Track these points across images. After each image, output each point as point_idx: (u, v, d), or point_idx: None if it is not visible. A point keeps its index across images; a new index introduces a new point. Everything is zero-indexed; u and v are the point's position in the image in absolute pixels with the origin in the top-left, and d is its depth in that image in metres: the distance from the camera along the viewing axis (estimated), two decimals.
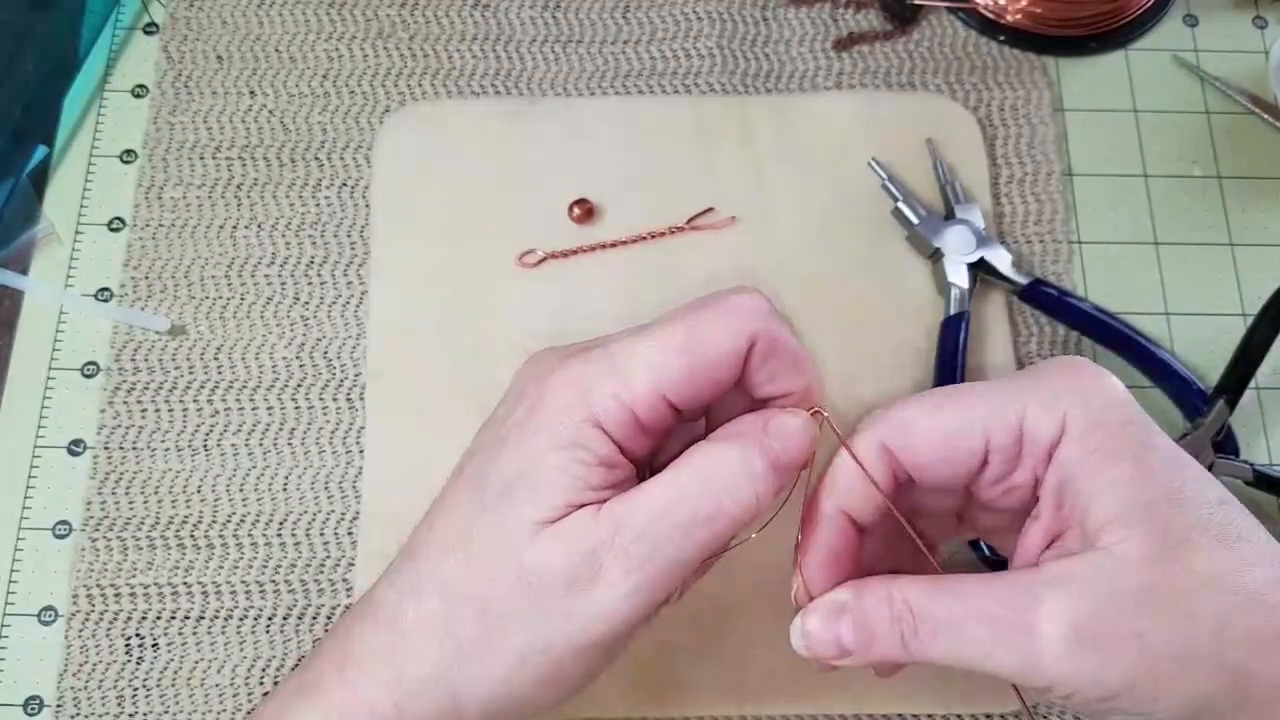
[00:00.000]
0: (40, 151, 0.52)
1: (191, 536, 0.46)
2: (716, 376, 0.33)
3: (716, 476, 0.32)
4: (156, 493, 0.46)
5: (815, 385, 0.35)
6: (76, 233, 0.51)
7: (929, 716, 0.44)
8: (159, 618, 0.45)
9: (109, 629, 0.45)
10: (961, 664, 0.31)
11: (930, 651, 0.31)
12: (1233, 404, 0.46)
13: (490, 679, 0.32)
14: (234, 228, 0.51)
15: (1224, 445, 0.46)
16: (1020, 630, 0.30)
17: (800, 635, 0.33)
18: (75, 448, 0.47)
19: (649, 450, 0.34)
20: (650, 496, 0.32)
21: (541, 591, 0.31)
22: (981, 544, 0.45)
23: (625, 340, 0.33)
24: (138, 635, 0.45)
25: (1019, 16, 0.55)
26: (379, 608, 0.34)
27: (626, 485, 0.33)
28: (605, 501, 0.32)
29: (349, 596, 0.45)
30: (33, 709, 0.44)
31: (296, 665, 0.44)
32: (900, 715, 0.44)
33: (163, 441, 0.47)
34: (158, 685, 0.44)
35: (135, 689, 0.44)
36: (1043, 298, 0.49)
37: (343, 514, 0.46)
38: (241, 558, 0.46)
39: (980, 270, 0.49)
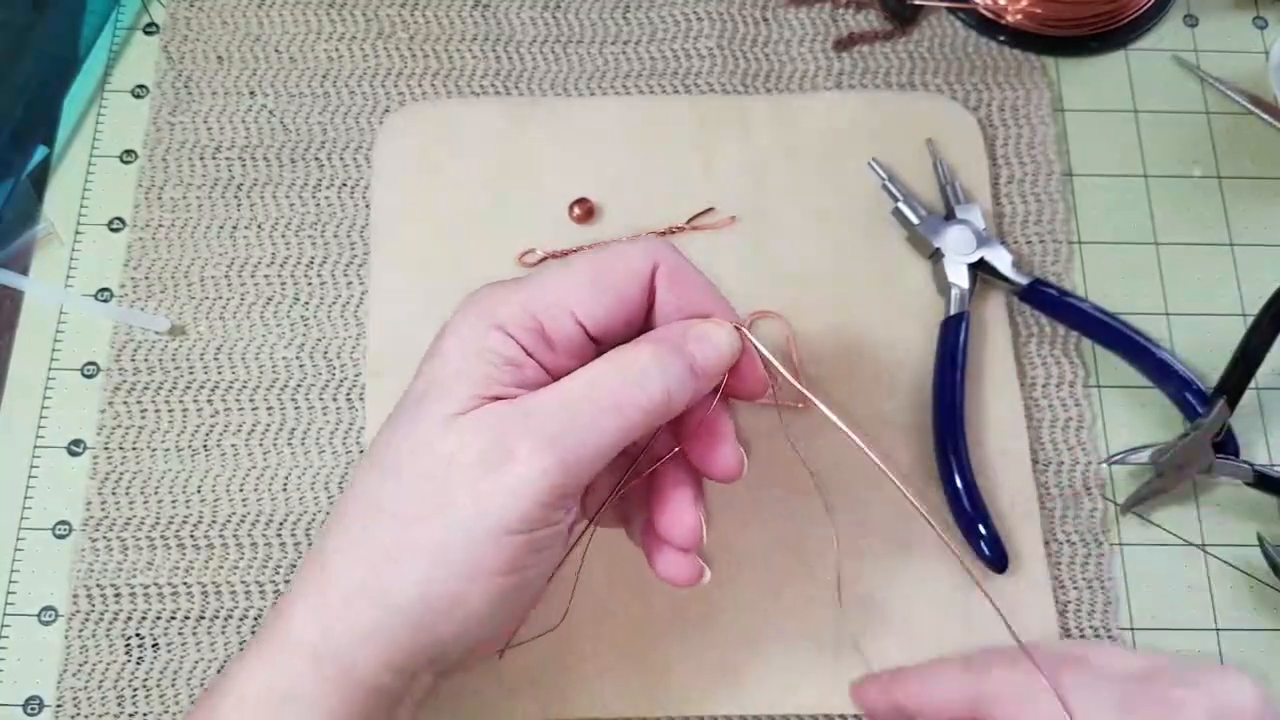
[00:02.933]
0: (40, 151, 0.52)
1: (191, 536, 0.46)
2: (622, 292, 0.34)
3: (629, 366, 0.33)
4: (156, 493, 0.46)
5: (730, 311, 0.35)
6: (76, 233, 0.51)
7: None
8: (159, 618, 0.45)
9: (109, 629, 0.45)
10: None
11: None
12: (1233, 404, 0.46)
13: (412, 578, 0.32)
14: (234, 228, 0.51)
15: (1224, 445, 0.46)
16: None
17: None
18: (75, 448, 0.47)
19: (566, 369, 0.34)
20: (562, 384, 0.33)
21: (454, 478, 0.32)
22: (983, 545, 0.45)
23: (536, 270, 0.36)
24: (138, 635, 0.45)
25: (1019, 16, 0.55)
26: (312, 549, 0.35)
27: (539, 387, 0.33)
28: (518, 398, 0.33)
29: None
30: (33, 709, 0.44)
31: None
32: None
33: (163, 441, 0.47)
34: (158, 685, 0.44)
35: (135, 689, 0.44)
36: (1043, 298, 0.49)
37: None
38: (241, 558, 0.46)
39: (980, 270, 0.49)
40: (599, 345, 0.35)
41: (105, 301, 0.50)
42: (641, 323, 0.35)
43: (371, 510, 0.33)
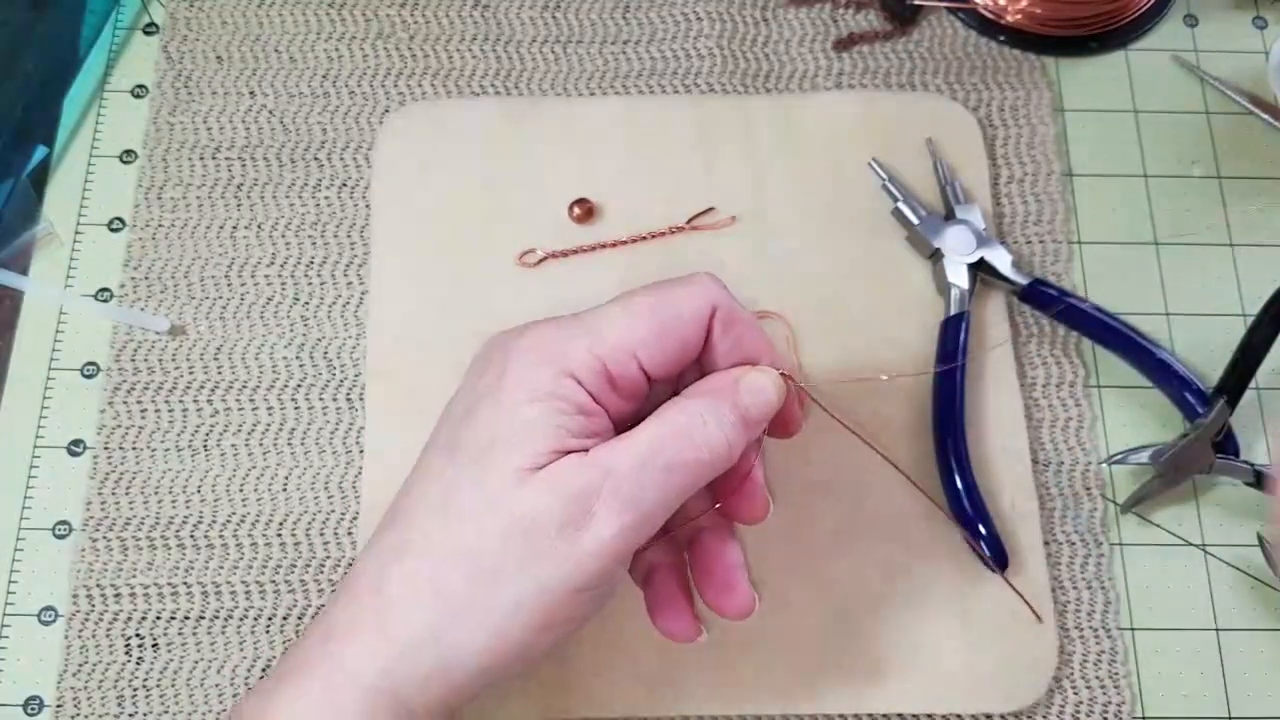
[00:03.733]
0: (40, 151, 0.52)
1: (191, 536, 0.46)
2: (683, 337, 0.35)
3: (692, 424, 0.34)
4: (156, 493, 0.46)
5: (779, 355, 0.37)
6: (76, 233, 0.51)
7: (929, 716, 0.44)
8: (159, 618, 0.45)
9: (109, 629, 0.45)
10: None
11: None
12: (1233, 404, 0.46)
13: (484, 632, 0.32)
14: (234, 228, 0.51)
15: (1224, 445, 0.46)
16: None
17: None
18: (75, 448, 0.47)
19: (624, 414, 0.35)
20: (635, 443, 0.33)
21: (534, 536, 0.32)
22: (983, 545, 0.45)
23: (593, 309, 0.36)
24: (138, 635, 0.45)
25: (1019, 16, 0.55)
26: (360, 578, 0.35)
27: (606, 436, 0.34)
28: (588, 450, 0.33)
29: None
30: (33, 709, 0.44)
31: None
32: (900, 715, 0.44)
33: (163, 441, 0.47)
34: (158, 685, 0.44)
35: (135, 689, 0.44)
36: (1043, 298, 0.49)
37: (343, 514, 0.46)
38: (241, 558, 0.46)
39: (980, 270, 0.49)
40: (653, 384, 0.36)
41: (105, 301, 0.50)
42: (693, 357, 0.36)
43: (438, 556, 0.33)
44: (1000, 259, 0.49)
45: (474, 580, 0.32)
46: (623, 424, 0.35)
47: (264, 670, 0.44)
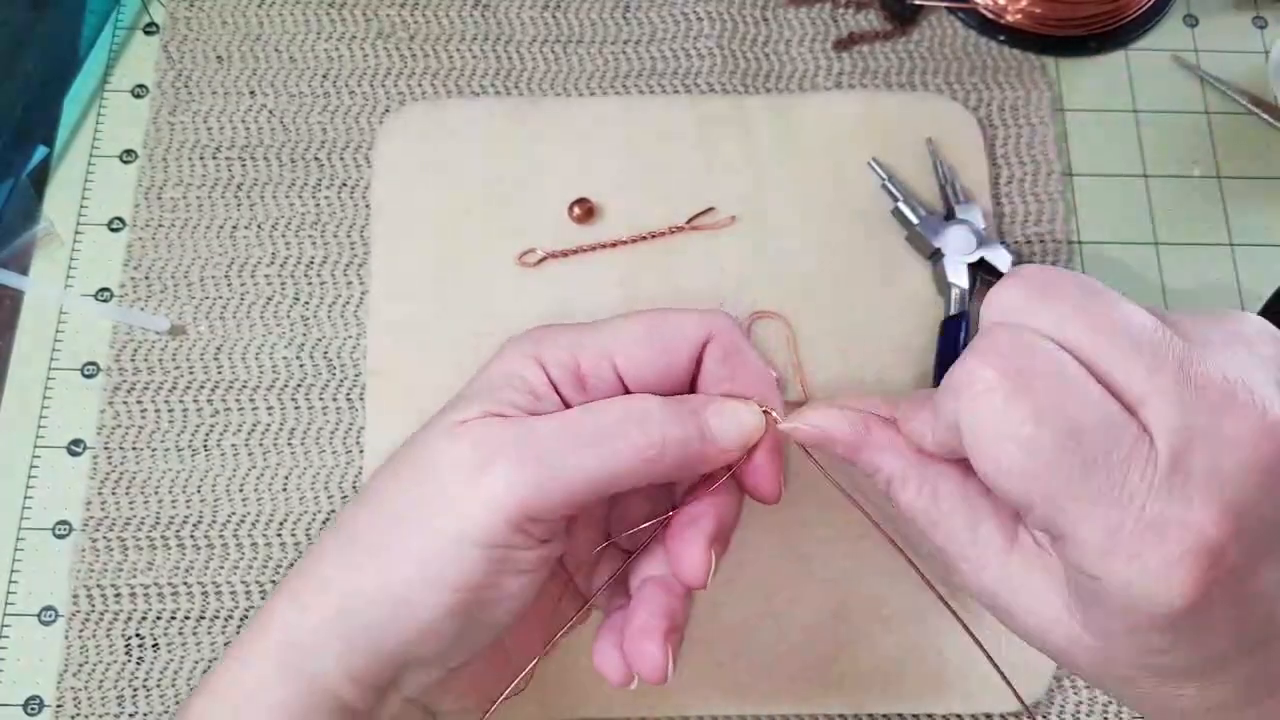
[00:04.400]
0: (40, 151, 0.52)
1: (191, 536, 0.46)
2: (668, 353, 0.34)
3: (631, 407, 0.33)
4: (156, 493, 0.46)
5: (776, 398, 0.35)
6: (76, 233, 0.51)
7: (929, 716, 0.44)
8: (159, 618, 0.45)
9: (109, 629, 0.45)
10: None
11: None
12: None
13: (370, 575, 0.32)
14: (234, 228, 0.51)
15: None
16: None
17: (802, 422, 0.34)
18: (75, 448, 0.47)
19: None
20: (566, 413, 0.33)
21: (436, 482, 0.32)
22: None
23: (591, 323, 0.35)
24: (138, 635, 0.45)
25: (1019, 16, 0.55)
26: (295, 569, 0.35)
27: None
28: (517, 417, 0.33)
29: None
30: (33, 709, 0.44)
31: None
32: (900, 715, 0.44)
33: (163, 441, 0.47)
34: (158, 685, 0.44)
35: (135, 689, 0.44)
36: None
37: None
38: (241, 558, 0.46)
39: (980, 270, 0.49)
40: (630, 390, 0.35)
41: (105, 301, 0.50)
42: (684, 389, 0.35)
43: (363, 509, 0.33)
44: (1000, 259, 0.49)
45: (379, 526, 0.32)
46: None
47: None
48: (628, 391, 0.34)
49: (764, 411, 0.34)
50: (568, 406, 0.34)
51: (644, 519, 0.37)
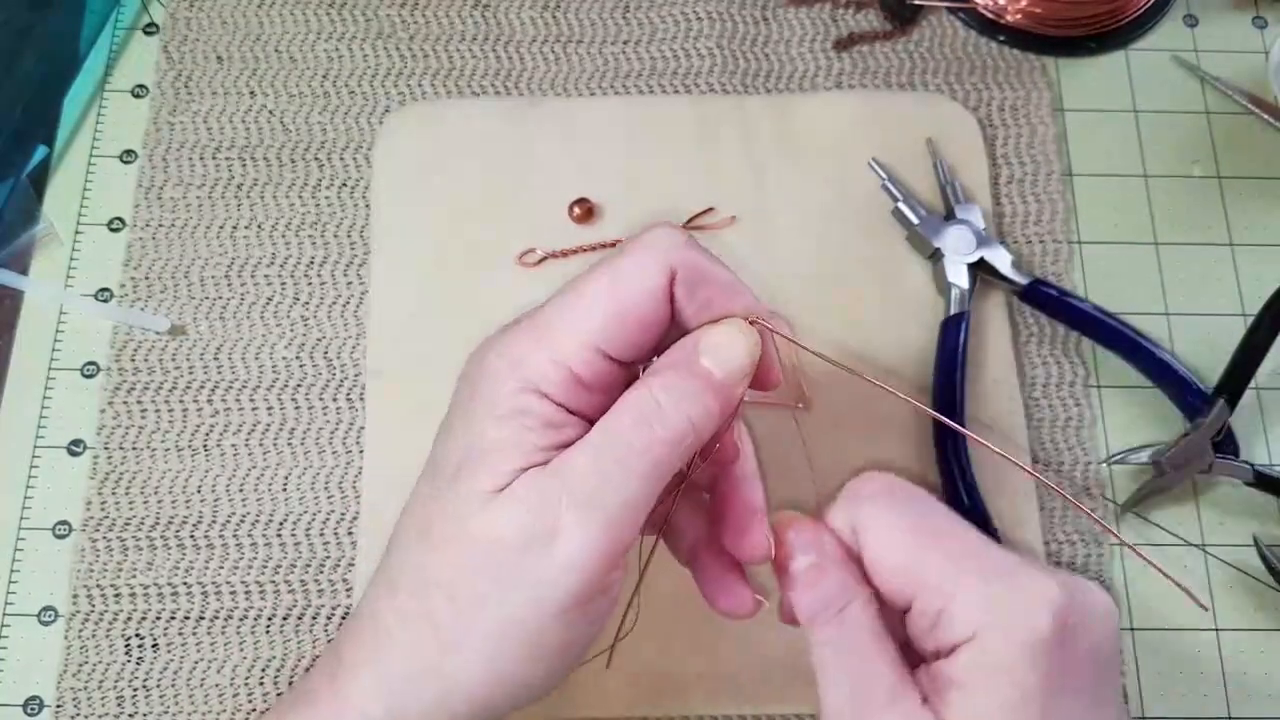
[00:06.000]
0: (40, 151, 0.52)
1: (191, 536, 0.46)
2: (644, 316, 0.32)
3: (645, 409, 0.31)
4: (156, 493, 0.46)
5: (755, 302, 0.34)
6: (76, 233, 0.51)
7: None
8: (159, 618, 0.45)
9: (109, 629, 0.45)
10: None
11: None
12: (1233, 404, 0.46)
13: (475, 663, 0.32)
14: (234, 228, 0.51)
15: (1224, 445, 0.46)
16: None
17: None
18: (75, 448, 0.47)
19: (604, 405, 0.33)
20: (587, 441, 0.31)
21: (503, 560, 0.31)
22: None
23: (552, 301, 0.33)
24: (138, 635, 0.45)
25: (1019, 16, 0.55)
26: (363, 611, 0.34)
27: (575, 440, 0.32)
28: (549, 462, 0.32)
29: (349, 596, 0.45)
30: (33, 709, 0.44)
31: (296, 673, 0.44)
32: None
33: (163, 441, 0.47)
34: (158, 685, 0.44)
35: (135, 689, 0.44)
36: (1043, 298, 0.49)
37: (343, 514, 0.46)
38: (241, 558, 0.46)
39: (980, 270, 0.49)
40: (628, 367, 0.33)
41: (105, 301, 0.50)
42: (665, 326, 0.34)
43: (424, 586, 0.32)
44: (1000, 259, 0.49)
45: (456, 611, 0.31)
46: (603, 413, 0.33)
47: (264, 670, 0.44)
48: (619, 363, 0.33)
49: (749, 321, 0.33)
50: (581, 415, 0.33)
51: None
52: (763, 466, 0.37)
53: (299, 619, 0.45)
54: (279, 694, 0.44)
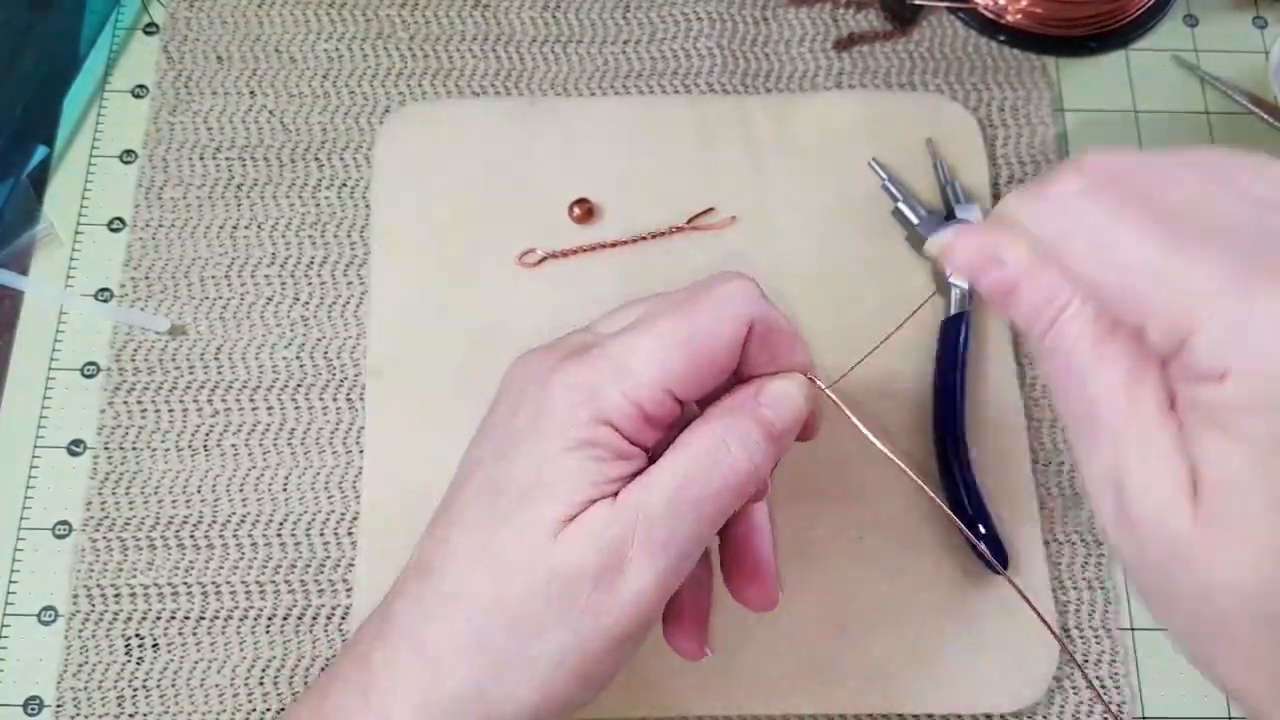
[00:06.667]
0: (40, 151, 0.52)
1: (191, 536, 0.46)
2: (718, 365, 0.33)
3: (717, 452, 0.33)
4: (156, 493, 0.46)
5: (808, 357, 0.36)
6: (76, 233, 0.51)
7: (929, 716, 0.44)
8: (159, 618, 0.45)
9: (109, 629, 0.45)
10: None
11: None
12: None
13: (528, 687, 0.32)
14: (234, 228, 0.51)
15: None
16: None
17: (939, 247, 0.30)
18: (75, 448, 0.47)
19: (656, 440, 0.34)
20: (661, 481, 0.32)
21: (572, 590, 0.31)
22: (983, 545, 0.45)
23: (624, 339, 0.33)
24: (138, 635, 0.45)
25: (1019, 16, 0.55)
26: (399, 630, 0.34)
27: (638, 474, 0.33)
28: (618, 493, 0.32)
29: (349, 597, 0.45)
30: (33, 709, 0.44)
31: (296, 673, 0.44)
32: (900, 715, 0.44)
33: (163, 441, 0.47)
34: (158, 685, 0.44)
35: (135, 689, 0.44)
36: None
37: (343, 514, 0.46)
38: (241, 558, 0.46)
39: None
40: (685, 406, 0.34)
41: (105, 301, 0.50)
42: (729, 373, 0.35)
43: (479, 611, 0.32)
44: None
45: (516, 635, 0.32)
46: (657, 450, 0.34)
47: (264, 670, 0.44)
48: (682, 404, 0.34)
49: (807, 378, 0.35)
50: (644, 447, 0.33)
51: None
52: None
53: (299, 619, 0.45)
54: (279, 694, 0.44)
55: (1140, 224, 0.25)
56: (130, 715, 0.44)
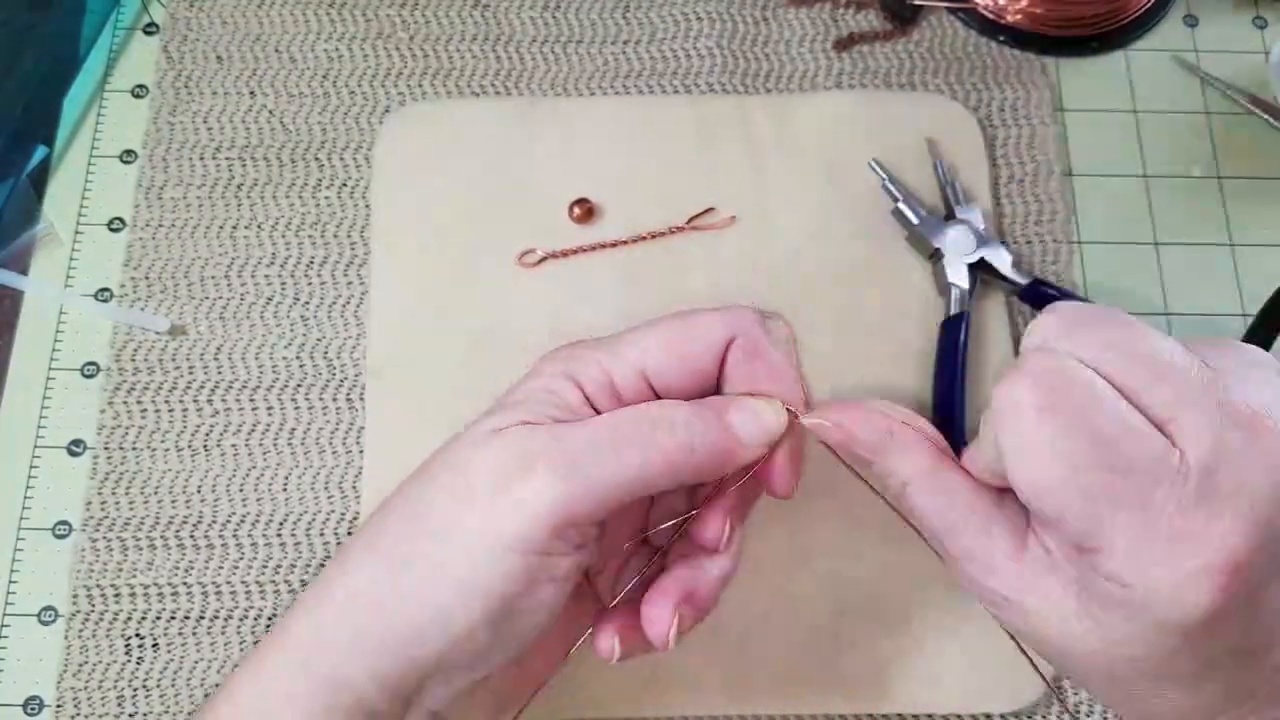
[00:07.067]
0: (40, 151, 0.52)
1: (191, 536, 0.46)
2: (693, 360, 0.35)
3: (660, 414, 0.33)
4: (156, 493, 0.46)
5: (798, 396, 0.36)
6: (76, 233, 0.51)
7: (929, 716, 0.44)
8: (159, 618, 0.45)
9: (109, 629, 0.45)
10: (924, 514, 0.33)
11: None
12: None
13: (407, 585, 0.32)
14: (234, 228, 0.51)
15: None
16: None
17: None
18: (75, 448, 0.47)
19: None
20: (594, 422, 0.33)
21: (469, 489, 0.32)
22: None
23: (629, 329, 0.36)
24: (138, 635, 0.45)
25: (1019, 16, 0.55)
26: (339, 551, 0.36)
27: None
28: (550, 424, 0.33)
29: None
30: (33, 709, 0.44)
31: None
32: (900, 715, 0.44)
33: (163, 441, 0.47)
34: (158, 685, 0.44)
35: (135, 689, 0.44)
36: (1043, 298, 0.49)
37: (343, 514, 0.46)
38: (241, 558, 0.46)
39: (980, 270, 0.49)
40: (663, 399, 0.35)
41: (105, 301, 0.50)
42: (711, 388, 0.36)
43: (392, 518, 0.33)
44: (1000, 259, 0.49)
45: (413, 535, 0.32)
46: None
47: None
48: (658, 398, 0.35)
49: (787, 410, 0.35)
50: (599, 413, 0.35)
51: (664, 519, 0.37)
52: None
53: None
54: None
55: (1074, 459, 0.29)
56: (130, 715, 0.44)
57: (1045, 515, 0.29)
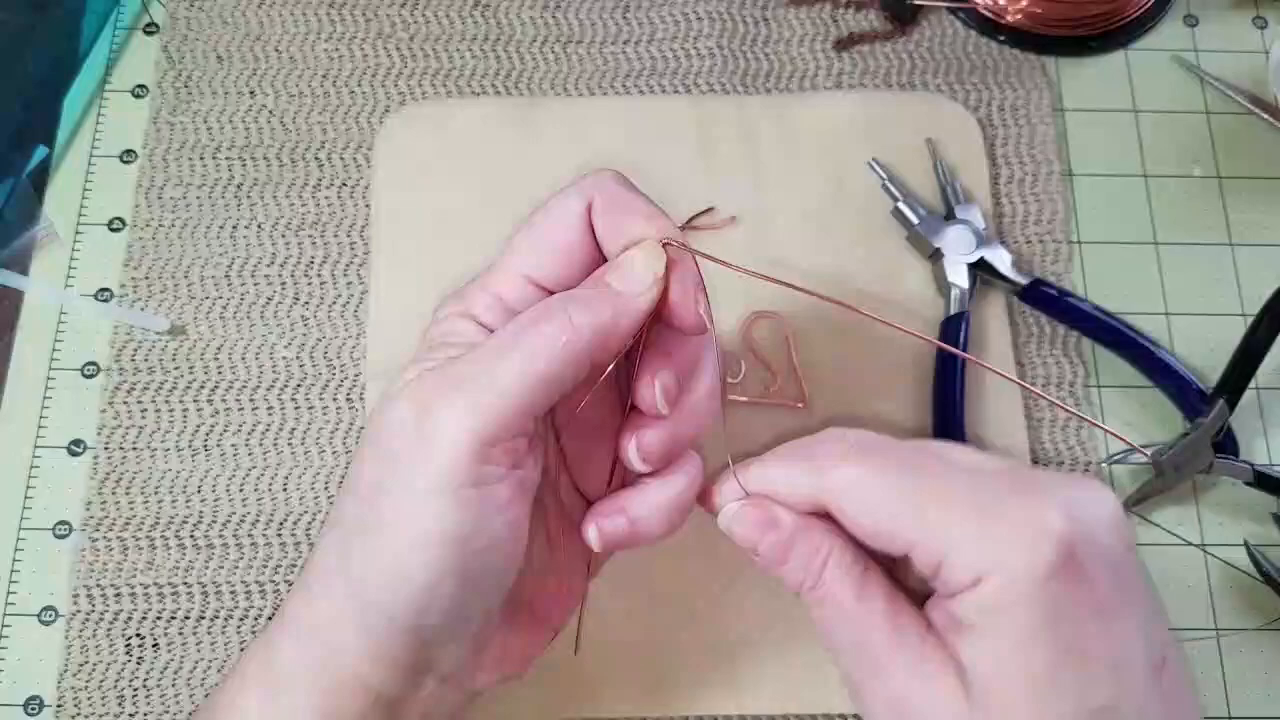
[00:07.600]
0: (40, 151, 0.52)
1: (191, 536, 0.46)
2: (564, 242, 0.34)
3: (535, 310, 0.33)
4: (156, 493, 0.46)
5: (671, 227, 0.34)
6: (76, 233, 0.51)
7: None
8: (159, 618, 0.45)
9: (109, 629, 0.45)
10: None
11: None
12: (1233, 404, 0.46)
13: (365, 552, 0.32)
14: (234, 228, 0.51)
15: (1224, 445, 0.46)
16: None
17: (730, 519, 0.34)
18: (75, 448, 0.47)
19: None
20: (480, 343, 0.33)
21: (388, 448, 0.32)
22: None
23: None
24: (138, 635, 0.45)
25: (1019, 16, 0.55)
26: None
27: None
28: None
29: None
30: (33, 709, 0.44)
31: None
32: None
33: (163, 441, 0.47)
34: (158, 685, 0.44)
35: (135, 689, 0.44)
36: (1043, 298, 0.49)
37: None
38: (241, 558, 0.46)
39: (980, 270, 0.49)
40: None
41: (105, 301, 0.50)
42: (596, 262, 0.34)
43: (344, 497, 0.34)
44: (1000, 259, 0.49)
45: (360, 502, 0.32)
46: None
47: None
48: (550, 292, 0.34)
49: (661, 244, 0.34)
50: None
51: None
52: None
53: None
54: None
55: (899, 479, 0.31)
56: (130, 715, 0.44)
57: (887, 543, 0.30)
